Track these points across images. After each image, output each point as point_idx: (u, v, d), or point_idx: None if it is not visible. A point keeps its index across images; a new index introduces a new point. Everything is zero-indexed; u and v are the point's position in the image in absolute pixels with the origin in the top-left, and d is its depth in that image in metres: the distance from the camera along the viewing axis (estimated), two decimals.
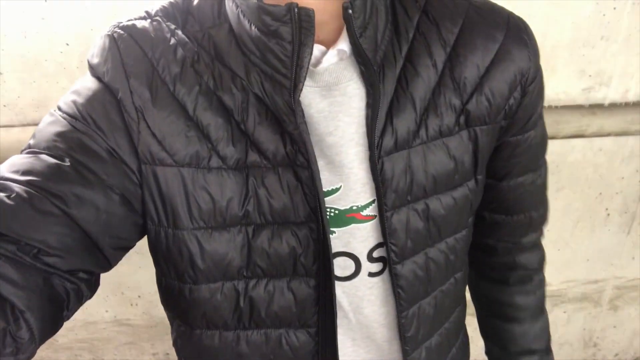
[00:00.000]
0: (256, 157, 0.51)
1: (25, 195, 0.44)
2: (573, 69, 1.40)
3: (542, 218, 0.72)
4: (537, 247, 0.74)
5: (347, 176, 0.52)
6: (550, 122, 1.39)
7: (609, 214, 1.63)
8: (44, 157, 0.47)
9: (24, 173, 0.45)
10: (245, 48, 0.50)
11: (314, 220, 0.52)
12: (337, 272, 0.56)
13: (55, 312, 0.46)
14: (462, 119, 0.54)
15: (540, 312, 0.75)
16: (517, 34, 0.55)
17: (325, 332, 0.56)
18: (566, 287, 1.72)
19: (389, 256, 0.55)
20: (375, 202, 0.53)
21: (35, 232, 0.44)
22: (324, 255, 0.53)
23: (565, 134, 1.40)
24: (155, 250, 0.54)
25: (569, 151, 1.50)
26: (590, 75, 1.41)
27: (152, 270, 0.58)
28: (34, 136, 0.50)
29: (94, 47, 0.52)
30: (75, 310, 0.49)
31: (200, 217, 0.51)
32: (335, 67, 0.51)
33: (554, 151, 1.48)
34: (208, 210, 0.51)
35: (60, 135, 0.48)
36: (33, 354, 0.44)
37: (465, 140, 0.55)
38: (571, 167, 1.53)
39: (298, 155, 0.50)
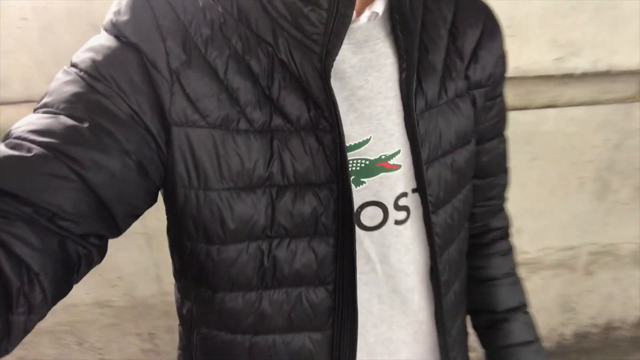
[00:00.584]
0: (280, 121, 0.52)
1: (42, 157, 0.44)
2: (545, 39, 1.41)
3: (506, 184, 0.78)
4: (505, 212, 0.81)
5: (375, 127, 0.56)
6: (524, 93, 1.41)
7: (582, 182, 1.66)
8: (63, 118, 0.46)
9: (42, 134, 0.45)
10: (275, 12, 0.51)
11: (335, 181, 0.54)
12: (366, 222, 0.58)
13: (67, 275, 0.46)
14: (466, 83, 0.62)
15: (515, 273, 0.80)
16: (493, 17, 0.66)
17: (342, 289, 0.57)
18: (542, 255, 1.77)
19: (427, 206, 0.59)
20: (401, 152, 0.57)
21: (51, 197, 0.44)
22: (344, 215, 0.54)
23: (539, 104, 1.42)
24: (183, 214, 0.54)
25: (542, 121, 1.52)
26: (561, 45, 1.43)
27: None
28: (49, 94, 0.49)
29: (118, 4, 0.51)
30: (84, 275, 0.49)
31: (230, 177, 0.52)
32: (366, 26, 0.56)
33: (528, 122, 1.51)
34: (237, 171, 0.52)
35: (79, 95, 0.48)
36: (44, 315, 0.45)
37: (469, 102, 0.63)
38: (545, 137, 1.55)
39: (321, 120, 0.52)
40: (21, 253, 0.41)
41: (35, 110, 0.49)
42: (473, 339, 0.79)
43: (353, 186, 0.56)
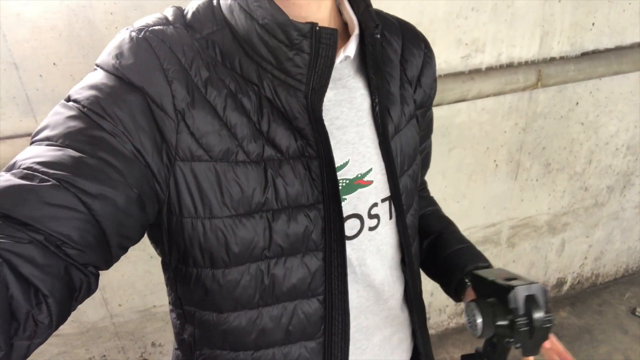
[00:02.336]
0: (272, 152, 0.57)
1: (54, 188, 0.46)
2: (451, 39, 1.52)
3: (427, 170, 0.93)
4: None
5: (352, 151, 0.63)
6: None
7: (497, 165, 1.81)
8: (70, 151, 0.48)
9: (52, 166, 0.47)
10: (258, 56, 0.57)
11: (321, 201, 0.60)
12: (348, 232, 0.64)
13: (70, 301, 0.48)
14: (413, 106, 0.72)
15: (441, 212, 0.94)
16: (429, 45, 0.76)
17: (332, 298, 0.63)
18: (469, 234, 1.91)
19: (401, 211, 0.68)
20: (372, 169, 0.65)
21: (61, 226, 0.45)
22: (331, 231, 0.61)
23: (450, 100, 1.53)
24: (191, 242, 0.58)
25: (455, 114, 1.64)
26: (466, 44, 1.54)
27: None
28: (51, 127, 0.51)
29: (119, 47, 0.54)
30: (81, 303, 0.51)
31: (232, 205, 0.56)
32: (339, 66, 0.63)
33: (442, 116, 1.62)
34: (238, 199, 0.56)
35: (84, 131, 0.50)
36: (45, 339, 0.46)
37: (415, 120, 0.73)
38: (459, 128, 1.68)
39: (307, 148, 0.59)
40: (30, 275, 0.43)
41: (34, 142, 0.51)
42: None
43: None
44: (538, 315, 0.60)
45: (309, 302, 0.63)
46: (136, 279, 1.54)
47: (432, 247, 0.85)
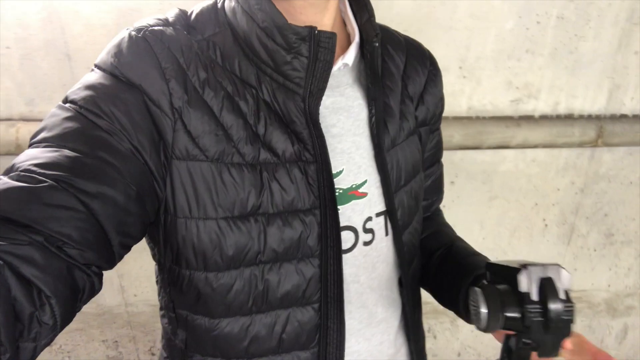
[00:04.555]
0: (267, 155, 0.58)
1: (52, 189, 0.46)
2: (499, 80, 1.42)
3: (440, 201, 0.88)
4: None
5: (347, 160, 0.63)
6: (474, 133, 1.42)
7: (546, 225, 1.64)
8: (67, 152, 0.48)
9: (49, 167, 0.47)
10: (257, 59, 0.57)
11: (317, 206, 0.59)
12: (342, 245, 0.62)
13: (74, 302, 0.48)
14: (414, 123, 0.71)
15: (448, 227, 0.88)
16: (435, 63, 0.75)
17: (327, 307, 0.61)
18: None
19: (397, 227, 0.66)
20: (367, 181, 0.64)
21: (61, 227, 0.45)
22: (327, 236, 0.60)
23: (490, 144, 1.42)
24: (184, 243, 0.57)
25: (499, 161, 1.52)
26: (517, 87, 1.43)
27: None
28: (47, 129, 0.51)
29: (118, 46, 0.55)
30: (85, 304, 0.51)
31: (226, 207, 0.56)
32: (337, 74, 0.63)
33: (484, 160, 1.51)
34: (233, 201, 0.56)
35: (80, 131, 0.50)
36: (51, 341, 0.45)
37: (417, 138, 0.72)
38: (503, 177, 1.55)
39: (304, 152, 0.58)
40: (32, 276, 0.42)
41: (32, 145, 0.51)
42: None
43: None
44: (554, 303, 0.48)
45: (304, 310, 0.62)
46: (152, 273, 1.60)
47: (444, 258, 0.77)
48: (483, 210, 1.59)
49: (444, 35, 1.35)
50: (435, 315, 1.75)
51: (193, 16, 0.60)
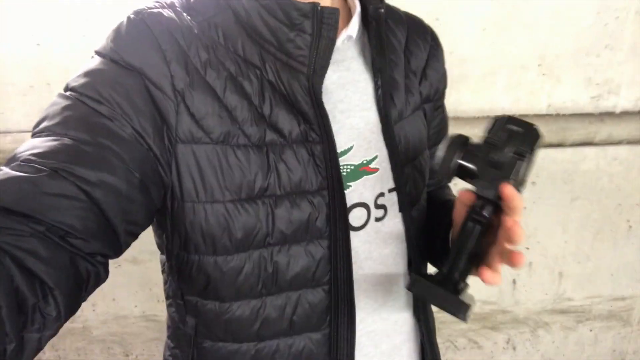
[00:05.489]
0: (273, 136, 0.57)
1: (51, 178, 0.45)
2: (579, 77, 1.43)
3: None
4: None
5: (356, 136, 0.62)
6: (557, 129, 1.42)
7: (630, 227, 1.59)
8: (67, 140, 0.48)
9: (49, 156, 0.46)
10: (260, 38, 0.56)
11: (325, 187, 0.58)
12: (354, 222, 0.62)
13: (78, 292, 0.47)
14: (419, 98, 0.70)
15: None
16: (437, 38, 0.75)
17: (338, 288, 0.61)
18: (590, 303, 1.67)
19: (404, 202, 0.65)
20: (378, 157, 0.63)
21: (62, 216, 0.45)
22: (336, 217, 0.59)
23: (573, 142, 1.41)
24: (192, 228, 0.57)
25: (580, 160, 1.50)
26: (597, 84, 1.43)
27: None
28: (48, 118, 0.50)
29: (117, 30, 0.54)
30: (91, 293, 0.50)
31: (233, 189, 0.55)
32: (341, 47, 0.63)
33: (565, 159, 1.50)
34: (240, 183, 0.55)
35: (81, 118, 0.49)
36: (56, 332, 0.45)
37: (422, 114, 0.71)
38: (584, 177, 1.53)
39: (310, 132, 0.58)
40: (35, 268, 0.42)
41: (34, 135, 0.50)
42: None
43: None
44: (511, 145, 0.51)
45: (314, 292, 0.61)
46: None
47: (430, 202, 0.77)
48: (566, 212, 1.56)
49: (523, 33, 1.37)
50: (515, 325, 1.69)
51: None
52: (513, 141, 0.51)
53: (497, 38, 1.37)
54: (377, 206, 0.64)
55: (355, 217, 0.62)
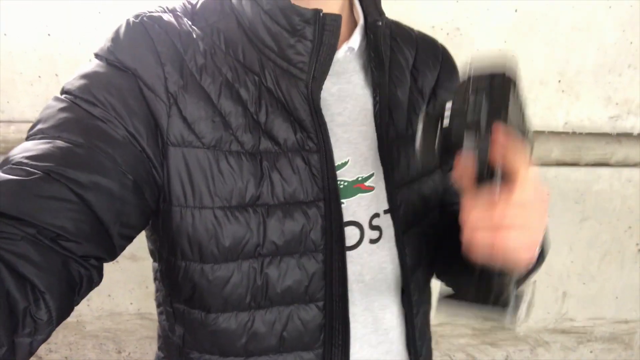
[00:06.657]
0: (268, 144, 0.55)
1: (43, 180, 0.44)
2: (598, 95, 1.39)
3: None
4: None
5: (353, 151, 0.60)
6: (572, 148, 1.38)
7: None
8: (60, 142, 0.47)
9: (41, 158, 0.46)
10: (261, 44, 0.56)
11: (322, 198, 0.56)
12: (346, 241, 0.59)
13: (70, 296, 0.46)
14: None
15: None
16: (450, 57, 0.72)
17: (332, 305, 0.58)
18: (592, 325, 1.65)
19: (397, 226, 0.61)
20: (374, 175, 0.61)
21: (53, 218, 0.44)
22: (331, 230, 0.57)
23: (588, 161, 1.38)
24: (179, 232, 0.55)
25: (594, 180, 1.47)
26: (617, 103, 1.39)
27: None
28: (43, 121, 0.50)
29: (116, 32, 0.54)
30: (84, 297, 0.49)
31: (223, 196, 0.54)
32: (343, 60, 0.61)
33: (578, 179, 1.46)
34: (230, 190, 0.54)
35: (74, 121, 0.49)
36: (48, 336, 0.44)
37: None
38: (597, 197, 1.49)
39: (307, 141, 0.56)
40: (26, 272, 0.41)
41: (28, 138, 0.50)
42: None
43: None
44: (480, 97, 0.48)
45: (307, 308, 0.58)
46: None
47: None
48: (574, 232, 1.53)
49: (545, 48, 1.33)
50: (515, 343, 1.67)
51: (198, 5, 0.59)
52: (481, 95, 0.48)
53: (518, 50, 1.33)
54: (372, 227, 0.60)
55: (347, 235, 0.59)
